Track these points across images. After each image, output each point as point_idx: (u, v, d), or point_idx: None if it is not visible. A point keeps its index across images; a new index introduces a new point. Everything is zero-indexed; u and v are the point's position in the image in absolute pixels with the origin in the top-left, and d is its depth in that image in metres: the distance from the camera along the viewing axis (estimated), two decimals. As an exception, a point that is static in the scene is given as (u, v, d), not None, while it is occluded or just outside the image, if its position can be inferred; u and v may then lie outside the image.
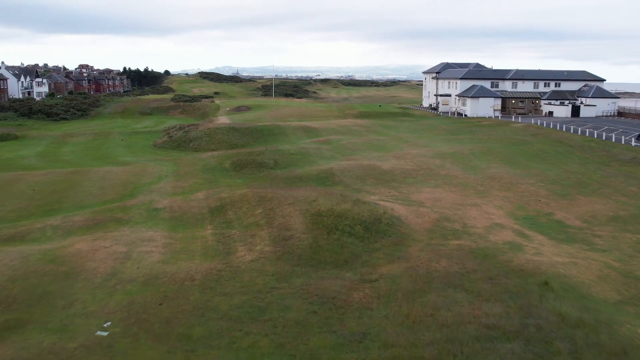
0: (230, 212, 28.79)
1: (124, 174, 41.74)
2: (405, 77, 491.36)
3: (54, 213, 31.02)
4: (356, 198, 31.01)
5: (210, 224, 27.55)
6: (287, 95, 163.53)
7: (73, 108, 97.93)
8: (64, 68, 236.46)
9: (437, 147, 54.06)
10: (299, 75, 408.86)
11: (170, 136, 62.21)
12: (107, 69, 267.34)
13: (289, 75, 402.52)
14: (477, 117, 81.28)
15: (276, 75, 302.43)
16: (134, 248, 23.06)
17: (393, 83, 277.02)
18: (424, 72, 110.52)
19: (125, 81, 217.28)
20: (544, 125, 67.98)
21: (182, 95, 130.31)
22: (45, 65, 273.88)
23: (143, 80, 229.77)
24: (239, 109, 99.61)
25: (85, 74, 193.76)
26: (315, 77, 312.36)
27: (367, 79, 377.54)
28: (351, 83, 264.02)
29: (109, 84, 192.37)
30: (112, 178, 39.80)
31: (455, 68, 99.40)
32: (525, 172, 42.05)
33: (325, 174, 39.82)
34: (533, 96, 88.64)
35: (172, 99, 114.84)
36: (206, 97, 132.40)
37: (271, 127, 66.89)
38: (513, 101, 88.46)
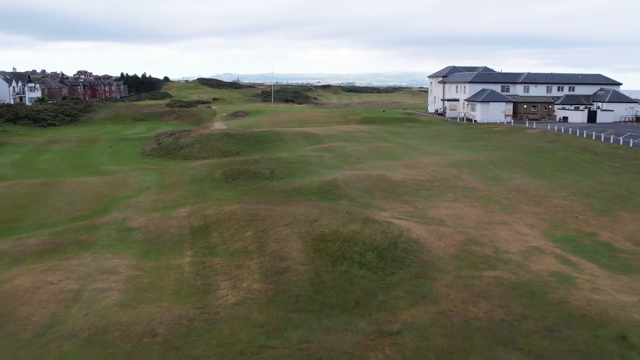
0: (215, 234, 23.98)
1: (100, 185, 36.98)
2: (405, 84, 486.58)
3: (8, 233, 26.22)
4: (365, 216, 26.22)
5: (189, 249, 22.74)
6: (287, 101, 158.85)
7: (62, 114, 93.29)
8: (62, 74, 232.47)
9: (450, 155, 49.31)
10: (300, 82, 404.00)
11: (160, 143, 57.54)
12: (106, 75, 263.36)
13: (289, 82, 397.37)
14: (487, 123, 76.56)
15: (276, 82, 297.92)
16: (88, 284, 18.24)
17: (394, 89, 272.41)
18: (430, 77, 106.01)
19: (122, 87, 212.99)
20: (562, 131, 63.26)
21: (178, 100, 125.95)
22: (43, 71, 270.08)
23: (141, 86, 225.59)
24: (236, 115, 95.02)
25: (81, 80, 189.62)
26: (316, 84, 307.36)
27: (368, 85, 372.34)
28: (352, 89, 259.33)
29: (105, 90, 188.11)
30: (86, 190, 35.03)
31: (462, 72, 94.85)
32: (554, 184, 37.26)
33: (328, 186, 35.05)
34: (546, 101, 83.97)
35: (167, 105, 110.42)
36: (203, 102, 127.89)
37: (269, 133, 62.20)
38: (525, 106, 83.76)
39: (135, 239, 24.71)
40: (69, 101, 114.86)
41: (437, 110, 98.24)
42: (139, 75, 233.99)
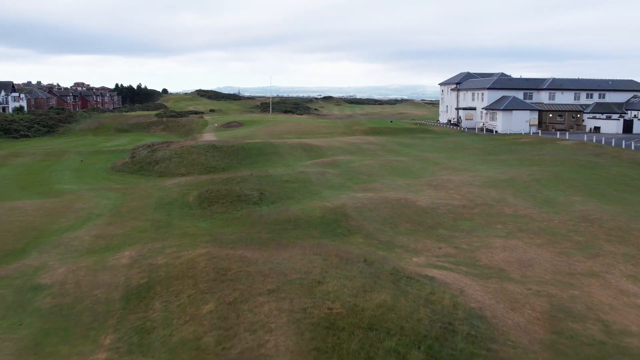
0: (157, 304, 15.09)
1: (35, 212, 28.16)
2: (407, 96, 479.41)
3: None
4: (393, 267, 17.37)
5: (112, 333, 13.85)
6: (286, 112, 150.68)
7: (38, 124, 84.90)
8: (58, 85, 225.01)
9: (480, 171, 40.52)
10: (301, 95, 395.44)
11: (133, 157, 48.83)
12: (103, 87, 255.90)
13: (290, 94, 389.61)
14: (511, 134, 67.94)
15: (277, 95, 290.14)
16: None
17: (397, 101, 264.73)
18: (441, 84, 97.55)
19: (115, 98, 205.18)
20: (603, 142, 54.64)
21: (169, 111, 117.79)
22: (39, 82, 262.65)
23: (136, 98, 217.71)
24: (229, 125, 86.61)
25: (71, 91, 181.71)
26: (317, 96, 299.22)
27: (369, 98, 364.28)
28: (354, 101, 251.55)
29: (97, 101, 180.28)
30: (10, 221, 26.21)
31: (477, 78, 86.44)
32: (629, 210, 28.37)
33: (334, 214, 26.18)
34: (574, 109, 75.34)
35: (156, 115, 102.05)
36: (196, 113, 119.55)
37: (262, 145, 53.50)
38: (550, 115, 75.14)
39: (38, 307, 15.86)
40: (49, 111, 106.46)
41: (450, 120, 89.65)
42: (134, 86, 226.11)
